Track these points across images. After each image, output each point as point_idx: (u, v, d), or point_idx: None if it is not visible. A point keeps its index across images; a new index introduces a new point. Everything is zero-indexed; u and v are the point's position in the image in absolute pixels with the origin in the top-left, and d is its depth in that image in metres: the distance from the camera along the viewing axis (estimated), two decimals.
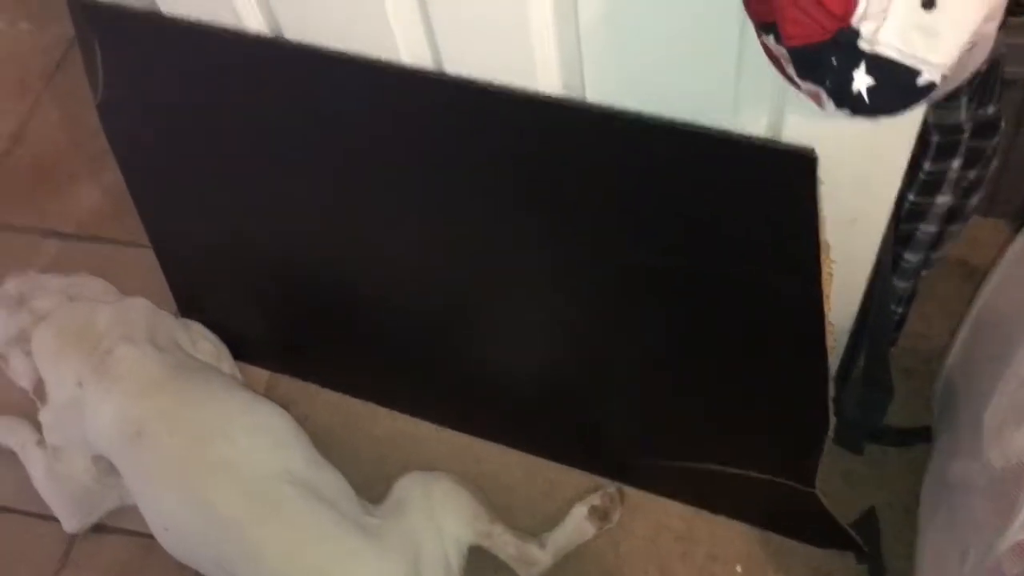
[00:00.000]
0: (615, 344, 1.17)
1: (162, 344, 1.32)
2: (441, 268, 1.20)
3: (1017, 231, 1.12)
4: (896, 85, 0.64)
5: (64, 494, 1.36)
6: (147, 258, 1.50)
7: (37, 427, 1.38)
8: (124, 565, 1.35)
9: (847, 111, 0.66)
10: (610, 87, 0.92)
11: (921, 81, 0.64)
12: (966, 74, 0.69)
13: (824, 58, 0.64)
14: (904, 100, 0.65)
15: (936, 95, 0.66)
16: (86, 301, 1.39)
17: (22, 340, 1.36)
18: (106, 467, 1.31)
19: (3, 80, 1.92)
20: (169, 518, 1.21)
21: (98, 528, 1.38)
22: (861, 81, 0.64)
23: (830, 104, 0.67)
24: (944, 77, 0.64)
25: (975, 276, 1.37)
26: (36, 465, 1.37)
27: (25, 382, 1.37)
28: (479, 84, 0.95)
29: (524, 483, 1.36)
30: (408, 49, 0.98)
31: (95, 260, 1.64)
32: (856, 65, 0.64)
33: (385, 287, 1.28)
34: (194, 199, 1.32)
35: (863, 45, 0.63)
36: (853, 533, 1.21)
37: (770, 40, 0.68)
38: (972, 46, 0.65)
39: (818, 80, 0.65)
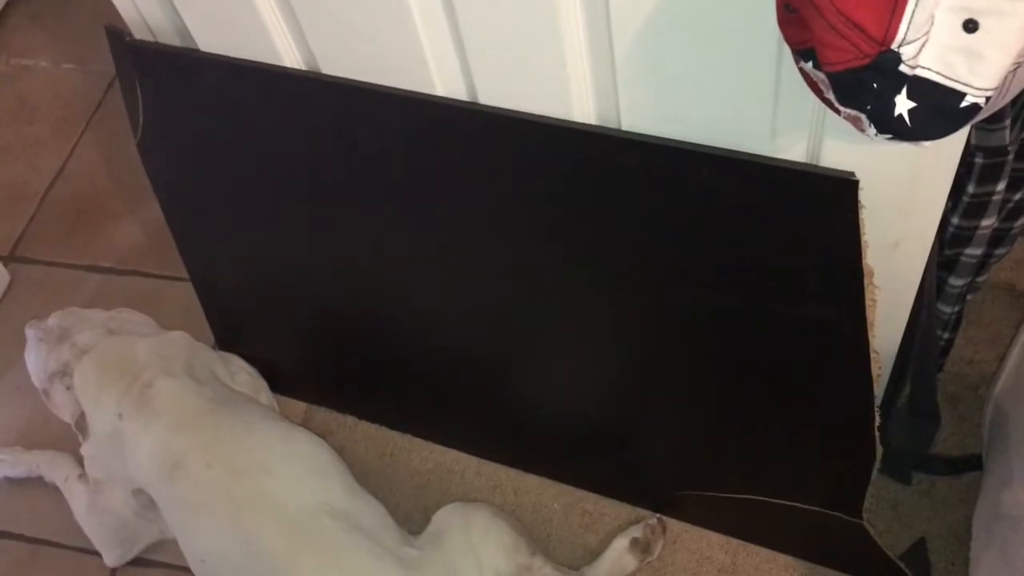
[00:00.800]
0: (657, 375, 1.15)
1: (201, 377, 1.33)
2: (480, 301, 1.19)
3: None
4: (939, 108, 0.63)
5: (105, 527, 1.36)
6: (186, 292, 1.51)
7: (79, 461, 1.39)
8: None
9: (889, 136, 0.65)
10: (646, 116, 0.91)
11: (964, 104, 0.62)
12: (1010, 96, 0.67)
13: (865, 83, 0.63)
14: (947, 124, 0.64)
15: (980, 117, 0.65)
16: (127, 335, 1.40)
17: (64, 374, 1.37)
18: (146, 501, 1.31)
19: (47, 119, 1.96)
20: (206, 550, 1.21)
21: (138, 561, 1.39)
22: (903, 105, 0.63)
23: (872, 129, 0.65)
24: (988, 99, 0.62)
25: (1023, 300, 1.35)
26: (78, 499, 1.38)
27: (67, 416, 1.38)
28: (515, 114, 0.95)
29: (564, 515, 1.34)
30: (443, 83, 0.98)
31: (135, 294, 1.66)
32: (898, 89, 0.62)
33: (424, 320, 1.28)
34: (232, 234, 1.33)
35: (905, 69, 0.62)
36: (902, 565, 1.17)
37: (808, 66, 0.67)
38: (1017, 67, 0.64)
39: (859, 105, 0.64)
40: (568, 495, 1.36)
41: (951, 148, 0.83)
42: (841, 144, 0.85)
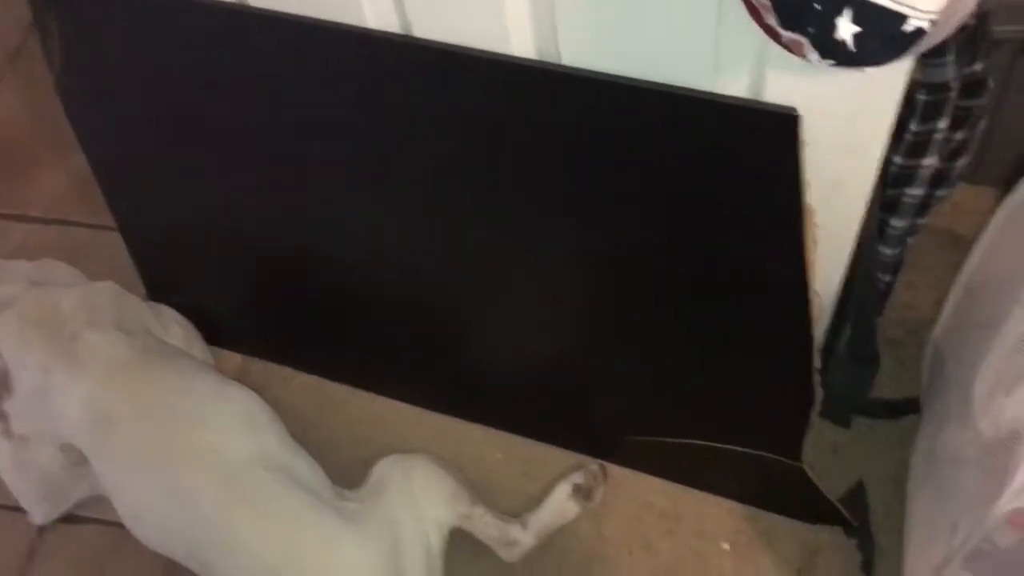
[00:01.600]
0: (596, 320, 1.14)
1: (130, 329, 1.28)
2: (417, 246, 1.17)
3: (1003, 198, 1.10)
4: (882, 32, 0.61)
5: (31, 484, 1.32)
6: (116, 242, 1.46)
7: (2, 417, 1.34)
8: (95, 555, 1.32)
9: (831, 61, 0.63)
10: (585, 50, 0.88)
11: (908, 28, 0.61)
12: (954, 24, 0.66)
13: (806, 4, 0.61)
14: (891, 49, 0.62)
15: (924, 44, 0.63)
16: (51, 287, 1.35)
17: None
18: (75, 456, 1.27)
19: None
20: (140, 506, 1.18)
21: (68, 518, 1.35)
22: (846, 29, 0.61)
23: (814, 55, 0.64)
24: (932, 24, 0.61)
25: (962, 244, 1.35)
26: (2, 456, 1.33)
27: None
28: (450, 48, 0.91)
29: (506, 464, 1.33)
30: (376, 15, 0.94)
31: (63, 245, 1.60)
32: (840, 11, 0.61)
33: (360, 267, 1.25)
34: (160, 180, 1.28)
35: None
36: (841, 507, 1.19)
37: None
38: None
39: (801, 28, 0.62)
40: (510, 443, 1.34)
41: (894, 81, 0.82)
42: (784, 79, 0.83)
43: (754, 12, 0.67)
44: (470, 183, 1.04)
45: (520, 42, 0.91)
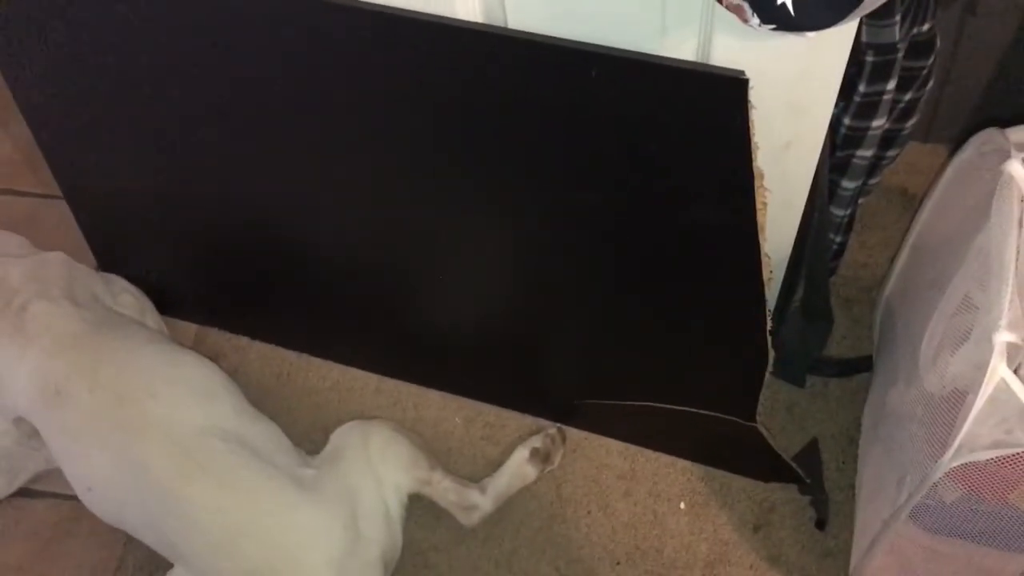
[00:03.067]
0: (551, 284, 1.13)
1: (80, 299, 1.26)
2: (372, 212, 1.15)
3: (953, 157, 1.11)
4: None
5: None
6: (65, 211, 1.43)
7: None
8: (52, 529, 1.31)
9: (772, 26, 0.63)
10: (533, 14, 0.87)
11: None
12: None
13: None
14: (831, 12, 0.62)
15: (864, 8, 0.63)
16: None
17: None
18: (28, 429, 1.25)
19: None
20: (93, 478, 1.16)
21: (23, 492, 1.33)
22: None
23: (755, 19, 0.63)
24: None
25: (914, 203, 1.36)
26: None
27: None
28: (395, 12, 0.89)
29: (465, 428, 1.33)
30: None
31: (10, 215, 1.57)
32: None
33: (316, 234, 1.24)
34: (106, 147, 1.25)
35: None
36: (795, 465, 1.20)
37: None
38: None
39: None
40: (469, 408, 1.35)
41: (840, 42, 0.82)
42: (731, 42, 0.83)
43: None
44: (419, 148, 1.03)
45: (465, 6, 0.89)
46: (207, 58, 1.04)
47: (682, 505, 1.25)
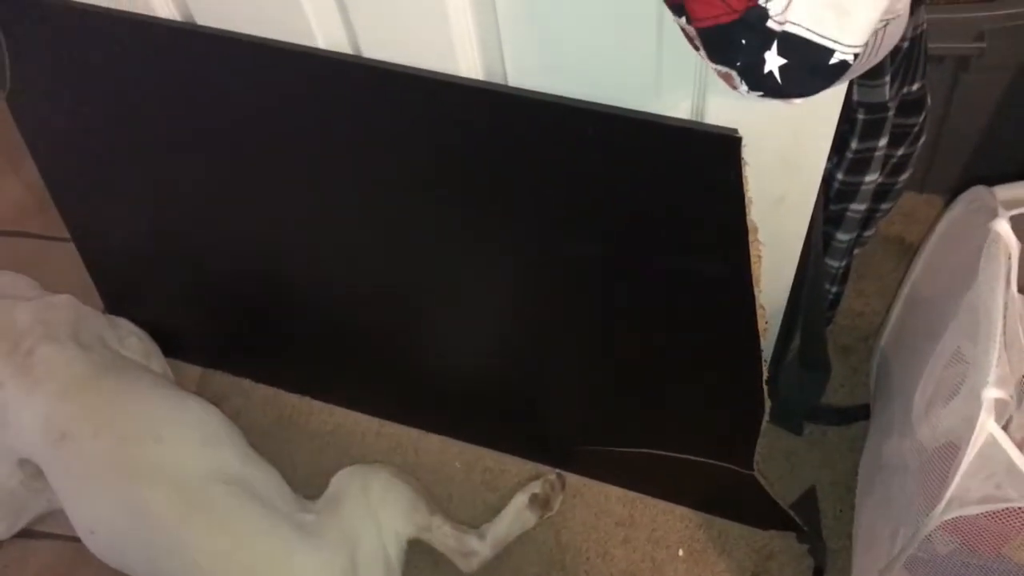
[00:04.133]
0: (549, 333, 1.15)
1: (87, 342, 1.28)
2: (374, 260, 1.17)
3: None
4: (808, 65, 0.62)
5: None
6: (73, 254, 1.45)
7: None
8: (54, 571, 1.31)
9: (760, 93, 0.65)
10: (531, 72, 0.89)
11: (833, 61, 0.62)
12: (883, 52, 0.67)
13: (734, 39, 0.62)
14: (817, 81, 0.64)
15: (850, 75, 0.65)
16: (7, 299, 1.34)
17: None
18: (33, 471, 1.26)
19: None
20: (96, 521, 1.17)
21: (25, 534, 1.34)
22: (773, 62, 0.63)
23: (743, 86, 0.65)
24: (856, 56, 0.62)
25: (912, 252, 1.38)
26: None
27: None
28: (399, 68, 0.92)
29: (465, 474, 1.34)
30: (324, 35, 0.95)
31: (19, 257, 1.60)
32: (767, 46, 0.62)
33: (318, 279, 1.26)
34: (114, 192, 1.28)
35: (773, 25, 0.61)
36: (793, 514, 1.21)
37: (682, 21, 0.66)
38: (886, 24, 0.64)
39: (729, 62, 0.63)
40: (469, 453, 1.35)
41: (831, 103, 0.84)
42: (725, 100, 0.85)
43: (692, 42, 0.69)
44: (420, 201, 1.05)
45: (467, 61, 0.91)
46: (213, 108, 1.07)
47: (680, 552, 1.25)
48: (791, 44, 0.62)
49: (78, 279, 1.46)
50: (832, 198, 1.04)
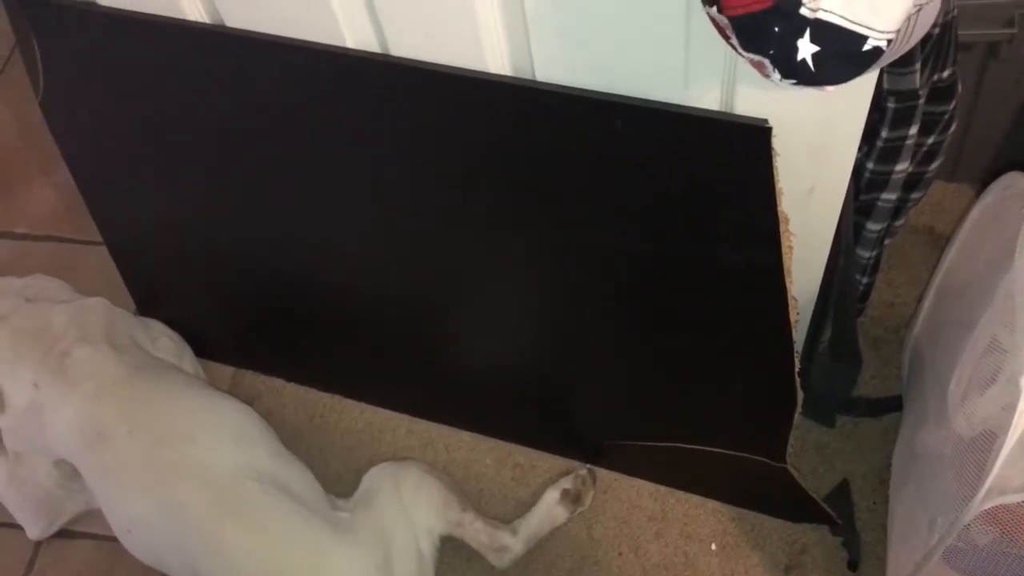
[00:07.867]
0: (580, 326, 1.15)
1: (120, 344, 1.29)
2: (404, 257, 1.18)
3: (979, 197, 1.11)
4: (841, 52, 0.62)
5: (27, 500, 1.33)
6: (105, 256, 1.47)
7: None
8: (91, 569, 1.33)
9: (793, 81, 0.64)
10: (559, 67, 0.89)
11: (867, 47, 0.62)
12: (915, 39, 0.67)
13: (767, 27, 0.62)
14: (851, 68, 0.63)
15: (883, 61, 0.64)
16: (43, 302, 1.36)
17: None
18: (69, 471, 1.28)
19: None
20: (133, 520, 1.19)
21: (63, 533, 1.36)
22: (806, 49, 0.63)
23: (776, 74, 0.65)
24: (890, 43, 0.62)
25: (942, 242, 1.36)
26: None
27: None
28: (428, 66, 0.92)
29: (495, 470, 1.34)
30: (353, 34, 0.95)
31: (52, 260, 1.61)
32: (800, 33, 0.62)
33: (349, 278, 1.26)
34: (146, 194, 1.29)
35: (806, 12, 0.61)
36: (826, 506, 1.20)
37: (713, 11, 0.66)
38: (919, 9, 0.64)
39: (761, 50, 0.63)
40: (500, 449, 1.36)
41: (861, 91, 0.83)
42: (754, 91, 0.85)
43: (721, 32, 0.69)
44: (453, 197, 1.05)
45: (495, 59, 0.92)
46: (244, 113, 1.08)
47: (713, 546, 1.25)
48: (824, 31, 0.62)
49: (110, 282, 1.47)
50: (862, 188, 1.03)
